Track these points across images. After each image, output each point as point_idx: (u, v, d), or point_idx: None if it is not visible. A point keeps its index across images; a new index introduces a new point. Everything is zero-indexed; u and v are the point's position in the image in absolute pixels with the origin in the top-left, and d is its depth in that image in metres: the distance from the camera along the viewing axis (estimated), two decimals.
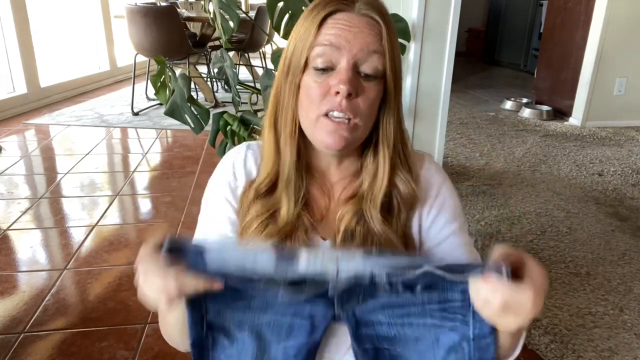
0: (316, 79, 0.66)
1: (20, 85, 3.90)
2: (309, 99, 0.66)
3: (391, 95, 0.68)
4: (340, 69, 0.64)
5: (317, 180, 0.75)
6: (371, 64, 0.65)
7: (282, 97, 0.70)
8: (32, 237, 2.09)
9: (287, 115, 0.70)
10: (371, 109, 0.67)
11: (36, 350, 1.44)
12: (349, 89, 0.63)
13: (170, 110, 1.63)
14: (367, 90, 0.65)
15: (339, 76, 0.64)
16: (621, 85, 3.84)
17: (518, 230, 2.22)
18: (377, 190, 0.70)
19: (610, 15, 3.61)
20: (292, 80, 0.68)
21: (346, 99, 0.63)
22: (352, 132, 0.66)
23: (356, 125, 0.66)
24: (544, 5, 5.52)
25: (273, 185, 0.72)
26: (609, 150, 3.34)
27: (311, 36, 0.65)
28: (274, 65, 1.60)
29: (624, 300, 1.73)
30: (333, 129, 0.65)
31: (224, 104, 4.27)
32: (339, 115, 0.65)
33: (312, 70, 0.66)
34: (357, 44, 0.64)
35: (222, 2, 1.56)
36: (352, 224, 0.70)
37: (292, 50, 0.68)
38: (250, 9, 5.19)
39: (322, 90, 0.65)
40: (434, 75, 2.21)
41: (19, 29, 3.79)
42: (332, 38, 0.64)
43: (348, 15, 0.65)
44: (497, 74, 6.37)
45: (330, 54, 0.64)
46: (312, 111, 0.66)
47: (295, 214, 0.70)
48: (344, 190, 0.75)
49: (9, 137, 3.34)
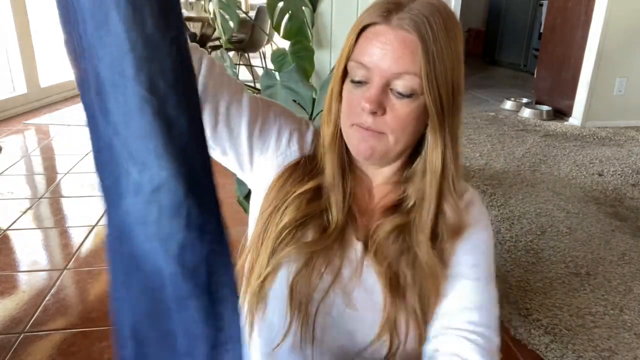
0: (353, 90, 0.66)
1: (20, 85, 3.90)
2: (346, 106, 0.67)
3: (433, 118, 0.63)
4: (370, 85, 0.64)
5: (359, 177, 0.74)
6: (404, 83, 0.62)
7: (333, 100, 0.70)
8: (32, 237, 2.09)
9: (330, 120, 0.70)
10: (404, 125, 0.64)
11: (36, 350, 1.44)
12: (372, 108, 0.62)
13: None
14: (397, 108, 0.63)
15: (367, 93, 0.63)
16: (621, 85, 3.84)
17: (518, 230, 2.22)
18: (426, 215, 0.67)
19: (610, 15, 3.61)
20: (336, 86, 0.69)
21: (371, 115, 0.63)
22: (380, 143, 0.65)
23: (385, 137, 0.65)
24: (544, 5, 5.53)
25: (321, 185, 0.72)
26: (609, 150, 3.34)
27: (349, 47, 0.65)
28: (274, 66, 1.60)
29: (624, 300, 1.73)
30: (362, 137, 0.65)
31: None
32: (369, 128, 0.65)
33: (350, 80, 0.66)
34: (388, 63, 0.61)
35: (222, 2, 1.56)
36: (389, 238, 0.68)
37: (339, 58, 0.68)
38: (250, 9, 5.20)
39: (354, 103, 0.65)
40: None
41: (19, 29, 3.79)
42: (365, 57, 0.63)
43: (384, 30, 0.62)
44: (497, 74, 6.37)
45: (364, 69, 0.64)
46: (347, 119, 0.67)
47: (344, 212, 0.70)
48: (385, 197, 0.73)
49: (9, 137, 3.34)
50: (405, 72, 0.61)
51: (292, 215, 0.69)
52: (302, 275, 0.66)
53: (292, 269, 0.67)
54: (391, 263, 0.67)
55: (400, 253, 0.67)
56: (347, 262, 0.68)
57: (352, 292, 0.67)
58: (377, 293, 0.67)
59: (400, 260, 0.67)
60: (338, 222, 0.69)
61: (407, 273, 0.67)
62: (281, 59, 1.66)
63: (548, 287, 1.80)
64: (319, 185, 0.71)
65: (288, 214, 0.69)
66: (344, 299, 0.67)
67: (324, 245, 0.67)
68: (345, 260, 0.68)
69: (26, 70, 3.89)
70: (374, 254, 0.67)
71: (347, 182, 0.71)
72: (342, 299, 0.67)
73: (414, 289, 0.66)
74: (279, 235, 0.68)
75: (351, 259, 0.69)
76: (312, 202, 0.70)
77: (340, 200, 0.70)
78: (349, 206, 0.70)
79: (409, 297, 0.66)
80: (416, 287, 0.66)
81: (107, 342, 1.47)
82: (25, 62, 3.86)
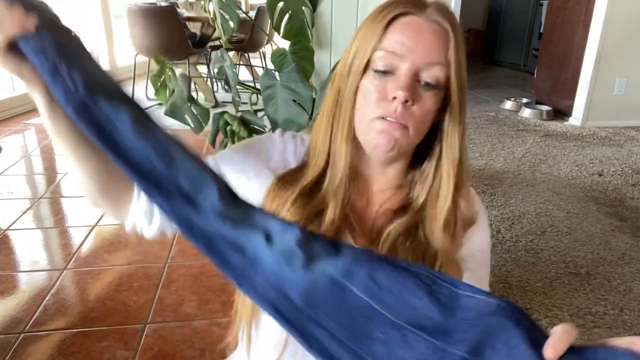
0: (375, 81, 0.64)
1: (21, 85, 3.89)
2: (365, 100, 0.65)
3: (455, 108, 0.65)
4: (400, 74, 0.62)
5: (358, 184, 0.72)
6: (432, 74, 0.62)
7: (342, 97, 0.68)
8: (32, 237, 2.09)
9: (345, 117, 0.67)
10: (425, 119, 0.64)
11: (36, 350, 1.44)
12: (406, 95, 0.61)
13: (170, 110, 1.63)
14: (424, 99, 0.63)
15: (398, 82, 0.62)
16: (621, 85, 3.84)
17: (518, 230, 2.22)
18: (442, 207, 0.67)
19: (610, 15, 3.61)
20: (353, 81, 0.66)
21: (402, 105, 0.62)
22: (403, 135, 0.64)
23: (407, 130, 0.64)
24: (544, 5, 5.53)
25: (318, 184, 0.70)
26: (609, 150, 3.34)
27: (376, 38, 0.63)
28: (274, 66, 1.60)
29: (624, 300, 1.73)
30: (385, 129, 0.63)
31: (224, 104, 4.27)
32: (393, 120, 0.63)
33: (372, 72, 0.64)
34: (421, 52, 0.62)
35: (222, 2, 1.56)
36: (400, 239, 0.67)
37: (356, 51, 0.65)
38: (250, 9, 5.19)
39: (379, 94, 0.63)
40: None
41: None
42: (397, 45, 0.62)
43: (417, 20, 0.62)
44: (497, 74, 6.37)
45: (392, 58, 0.62)
46: (367, 113, 0.64)
47: (341, 215, 0.68)
48: (388, 200, 0.72)
49: (9, 137, 3.34)
50: (437, 63, 0.62)
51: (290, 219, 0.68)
52: None
53: None
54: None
55: (414, 252, 0.67)
56: None
57: None
58: None
59: (416, 257, 0.66)
60: (334, 224, 0.67)
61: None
62: (281, 59, 1.66)
63: (548, 287, 1.80)
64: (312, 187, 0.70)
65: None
66: None
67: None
68: None
69: None
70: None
71: (348, 184, 0.70)
72: None
73: None
74: None
75: None
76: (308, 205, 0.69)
77: (339, 202, 0.68)
78: (346, 213, 0.69)
79: None
80: None
81: (107, 342, 1.47)
82: None
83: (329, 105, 0.70)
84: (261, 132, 1.57)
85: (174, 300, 1.66)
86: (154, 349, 1.44)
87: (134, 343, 1.47)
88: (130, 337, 1.49)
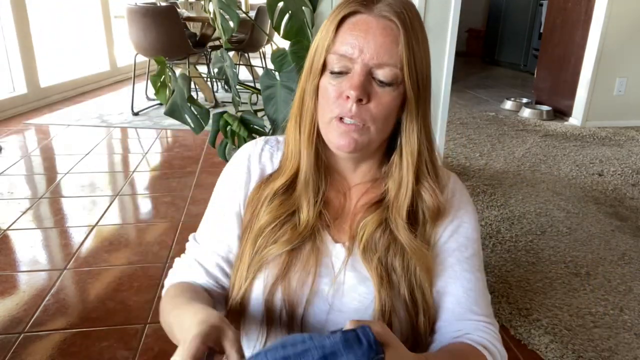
0: (331, 81, 0.65)
1: (20, 85, 3.90)
2: (324, 100, 0.66)
3: (411, 103, 0.65)
4: (353, 73, 0.63)
5: (335, 180, 0.74)
6: (385, 71, 0.62)
7: (305, 98, 0.69)
8: (32, 237, 2.09)
9: (307, 116, 0.69)
10: (386, 114, 0.65)
11: (36, 350, 1.44)
12: (358, 94, 0.61)
13: (170, 110, 1.63)
14: (380, 96, 0.63)
15: (351, 81, 0.62)
16: (621, 85, 3.84)
17: (518, 230, 2.22)
18: (402, 198, 0.69)
19: (610, 15, 3.61)
20: (312, 81, 0.67)
21: (356, 104, 0.62)
22: (362, 135, 0.65)
23: (367, 129, 0.65)
24: (544, 5, 5.53)
25: (292, 184, 0.71)
26: (609, 150, 3.34)
27: (329, 39, 0.64)
28: (274, 66, 1.60)
29: (624, 300, 1.73)
30: (344, 131, 0.64)
31: (224, 104, 4.27)
32: (350, 121, 0.64)
33: (329, 72, 0.65)
34: (371, 53, 0.62)
35: (222, 2, 1.56)
36: (376, 233, 0.68)
37: (314, 51, 0.67)
38: (250, 9, 5.19)
39: (336, 93, 0.64)
40: (434, 75, 2.20)
41: (19, 29, 3.79)
42: (347, 47, 0.63)
43: (365, 19, 0.63)
44: (497, 74, 6.37)
45: (345, 60, 0.63)
46: (326, 113, 0.66)
47: (315, 214, 0.69)
48: (364, 195, 0.73)
49: (9, 137, 3.34)
50: (387, 63, 0.62)
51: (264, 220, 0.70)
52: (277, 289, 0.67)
53: (268, 281, 0.68)
54: (380, 257, 0.67)
55: (388, 246, 0.68)
56: (325, 269, 0.68)
57: (334, 298, 0.67)
58: (363, 293, 0.67)
59: (388, 253, 0.68)
60: (308, 223, 0.69)
61: (397, 264, 0.67)
62: (281, 59, 1.65)
63: (548, 287, 1.80)
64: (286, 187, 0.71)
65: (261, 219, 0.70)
66: (324, 306, 0.67)
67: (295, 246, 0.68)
68: (323, 267, 0.68)
69: (26, 70, 3.89)
70: (362, 252, 0.68)
71: (320, 182, 0.71)
72: (324, 306, 0.67)
73: (403, 279, 0.67)
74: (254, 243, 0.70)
75: (328, 264, 0.69)
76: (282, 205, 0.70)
77: (312, 201, 0.69)
78: (320, 211, 0.70)
79: (400, 288, 0.67)
80: (406, 277, 0.67)
81: (107, 342, 1.47)
82: (25, 62, 3.86)
83: (296, 106, 0.71)
84: (261, 132, 1.57)
85: None
86: (154, 349, 1.44)
87: (134, 343, 1.47)
88: (130, 337, 1.49)
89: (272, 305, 0.67)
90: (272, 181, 0.72)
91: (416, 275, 0.67)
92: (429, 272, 0.68)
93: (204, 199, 2.40)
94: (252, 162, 0.76)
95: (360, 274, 0.67)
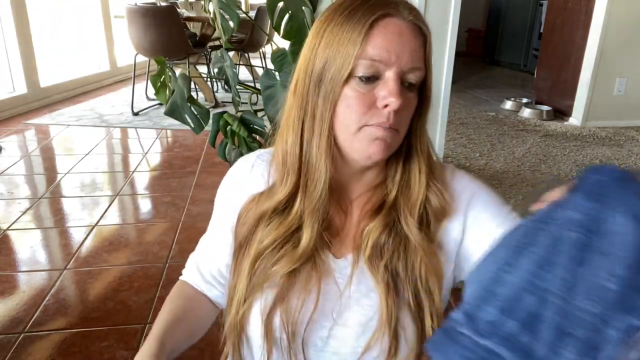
0: (359, 88, 0.60)
1: (20, 85, 3.90)
2: (350, 109, 0.61)
3: (427, 105, 0.66)
4: (387, 79, 0.59)
5: (335, 195, 0.70)
6: (416, 75, 0.61)
7: (313, 108, 0.63)
8: (32, 237, 2.09)
9: (321, 129, 0.63)
10: (410, 117, 0.65)
11: (36, 350, 1.44)
12: (400, 104, 0.58)
13: (170, 110, 1.63)
14: (410, 100, 0.62)
15: (388, 88, 0.59)
16: (621, 85, 3.84)
17: None
18: (415, 200, 0.67)
19: (610, 15, 3.61)
20: (331, 92, 0.61)
21: (393, 112, 0.59)
22: (394, 139, 0.63)
23: (399, 133, 0.63)
24: (544, 5, 5.53)
25: (290, 201, 0.67)
26: (609, 150, 3.34)
27: (359, 45, 0.59)
28: (274, 66, 1.60)
29: None
30: (380, 135, 0.61)
31: (224, 104, 4.27)
32: (386, 127, 0.61)
33: (356, 79, 0.60)
34: (407, 57, 0.59)
35: (222, 2, 1.56)
36: (382, 237, 0.66)
37: (328, 58, 0.61)
38: (250, 9, 5.20)
39: (367, 102, 0.60)
40: (434, 75, 2.21)
41: (19, 29, 3.79)
42: (383, 52, 0.59)
43: (396, 22, 0.60)
44: (497, 74, 6.37)
45: (379, 65, 0.59)
46: (353, 123, 0.61)
47: (318, 235, 0.66)
48: (366, 204, 0.71)
49: (9, 137, 3.34)
50: (420, 64, 0.61)
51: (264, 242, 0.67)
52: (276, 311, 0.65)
53: (267, 303, 0.65)
54: (386, 263, 0.65)
55: (394, 250, 0.66)
56: (328, 287, 0.66)
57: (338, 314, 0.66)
58: (366, 305, 0.65)
59: (393, 257, 0.66)
60: (308, 246, 0.65)
61: (400, 268, 0.65)
62: (281, 59, 1.65)
63: None
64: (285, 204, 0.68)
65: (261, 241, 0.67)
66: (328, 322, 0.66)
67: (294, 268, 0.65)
68: (325, 285, 0.66)
69: (26, 70, 3.89)
70: (368, 260, 0.66)
71: (329, 201, 0.67)
72: (326, 322, 0.66)
73: (407, 282, 0.65)
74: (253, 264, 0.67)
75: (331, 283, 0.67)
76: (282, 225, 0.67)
77: (316, 226, 0.66)
78: (321, 232, 0.67)
79: (404, 293, 0.65)
80: (410, 280, 0.65)
81: (107, 342, 1.47)
82: (25, 62, 3.86)
83: (295, 115, 0.65)
84: (261, 132, 1.57)
85: None
86: None
87: (134, 343, 1.47)
88: (130, 337, 1.49)
89: (272, 326, 0.65)
90: (268, 199, 0.68)
91: (421, 278, 0.65)
92: (439, 276, 0.66)
93: (204, 199, 2.41)
94: (243, 181, 0.75)
95: (365, 286, 0.66)
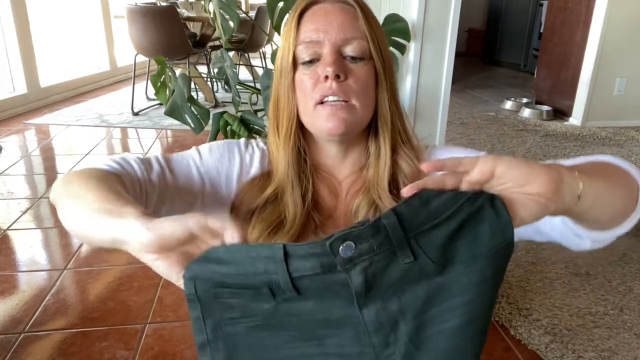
0: (305, 71, 0.68)
1: (20, 85, 3.90)
2: (303, 92, 0.68)
3: (381, 75, 0.69)
4: (324, 55, 0.66)
5: (325, 179, 0.74)
6: (354, 46, 0.66)
7: (280, 99, 0.71)
8: (32, 237, 2.09)
9: (284, 115, 0.70)
10: (365, 89, 0.67)
11: (36, 350, 1.44)
12: (335, 69, 0.64)
13: (170, 110, 1.63)
14: (355, 72, 0.67)
15: (325, 61, 0.66)
16: (621, 85, 3.84)
17: None
18: (382, 170, 0.70)
19: (610, 15, 3.61)
20: (285, 80, 0.69)
21: (335, 81, 0.65)
22: (350, 113, 0.66)
23: (353, 106, 0.66)
24: (544, 5, 5.52)
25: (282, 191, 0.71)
26: (609, 150, 3.34)
27: (293, 35, 0.68)
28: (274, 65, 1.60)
29: (624, 300, 1.73)
30: (331, 112, 0.66)
31: (224, 104, 4.27)
32: (334, 99, 0.66)
33: (300, 65, 0.68)
34: (335, 31, 0.66)
35: (222, 2, 1.56)
36: (369, 215, 0.68)
37: (281, 52, 0.70)
38: (250, 9, 5.19)
39: (312, 80, 0.67)
40: (434, 75, 2.21)
41: (19, 29, 3.79)
42: (312, 33, 0.66)
43: (322, 6, 0.68)
44: (497, 74, 6.37)
45: (313, 46, 0.66)
46: (308, 102, 0.67)
47: (304, 214, 0.69)
48: (353, 184, 0.74)
49: (9, 137, 3.34)
50: (353, 37, 0.66)
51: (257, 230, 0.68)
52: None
53: None
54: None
55: None
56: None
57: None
58: None
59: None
60: (295, 223, 0.67)
61: None
62: None
63: (548, 287, 1.80)
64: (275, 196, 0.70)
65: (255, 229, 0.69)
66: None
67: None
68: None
69: (26, 70, 3.89)
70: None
71: (306, 181, 0.70)
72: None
73: None
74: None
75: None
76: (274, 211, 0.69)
77: (298, 201, 0.68)
78: (308, 212, 0.69)
79: None
80: None
81: (107, 342, 1.47)
82: (25, 62, 3.86)
83: (272, 110, 0.73)
84: (261, 132, 1.57)
85: (173, 300, 1.66)
86: (154, 349, 1.44)
87: (134, 343, 1.47)
88: (130, 337, 1.49)
89: None
90: (262, 189, 0.71)
91: None
92: None
93: None
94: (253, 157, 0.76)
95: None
